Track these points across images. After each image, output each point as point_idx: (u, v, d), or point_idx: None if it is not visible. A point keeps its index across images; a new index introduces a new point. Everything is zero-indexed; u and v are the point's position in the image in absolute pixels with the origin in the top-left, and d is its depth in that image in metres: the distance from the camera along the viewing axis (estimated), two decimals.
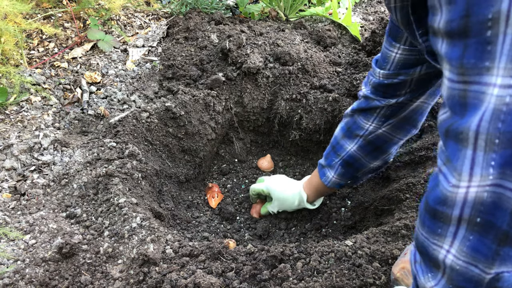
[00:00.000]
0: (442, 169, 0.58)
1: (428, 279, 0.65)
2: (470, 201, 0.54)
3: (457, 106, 0.54)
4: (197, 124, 1.76)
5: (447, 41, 0.54)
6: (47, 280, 1.11)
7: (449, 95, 0.55)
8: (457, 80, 0.53)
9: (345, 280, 1.06)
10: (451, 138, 0.55)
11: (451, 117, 0.55)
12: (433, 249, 0.62)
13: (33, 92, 1.70)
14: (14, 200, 1.35)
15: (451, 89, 0.55)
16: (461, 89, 0.52)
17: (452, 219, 0.57)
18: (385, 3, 0.84)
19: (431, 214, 0.60)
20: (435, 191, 0.59)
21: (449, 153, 0.56)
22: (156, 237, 1.22)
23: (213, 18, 2.13)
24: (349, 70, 1.90)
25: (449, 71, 0.55)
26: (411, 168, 1.50)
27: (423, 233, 0.63)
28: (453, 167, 0.54)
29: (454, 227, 0.57)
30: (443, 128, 0.57)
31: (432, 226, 0.61)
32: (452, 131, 0.55)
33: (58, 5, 2.08)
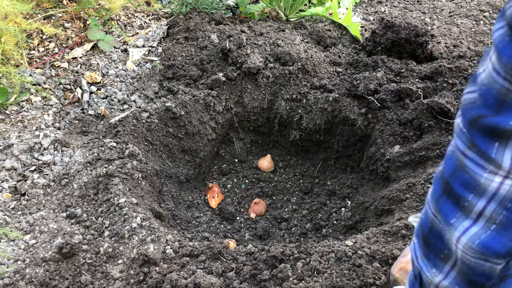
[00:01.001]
0: (468, 154, 0.55)
1: (434, 274, 0.64)
2: (501, 194, 0.53)
3: (491, 99, 0.51)
4: (197, 124, 1.76)
5: (507, 32, 0.49)
6: (47, 280, 1.11)
7: (487, 83, 0.52)
8: (504, 76, 0.50)
9: (345, 280, 1.06)
10: (480, 130, 0.53)
11: (480, 106, 0.53)
12: (448, 238, 0.60)
13: (33, 92, 1.70)
14: (14, 200, 1.35)
15: (493, 79, 0.51)
16: (504, 87, 0.49)
17: (473, 211, 0.55)
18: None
19: (454, 199, 0.58)
20: (462, 175, 0.56)
21: (476, 141, 0.53)
22: (156, 237, 1.22)
23: (214, 18, 2.13)
24: (349, 70, 1.90)
25: (497, 61, 0.51)
26: (411, 168, 1.50)
27: (440, 220, 0.61)
28: (487, 157, 0.53)
29: (470, 222, 0.56)
30: (469, 114, 0.54)
31: (448, 214, 0.59)
32: (484, 124, 0.52)
33: (58, 5, 2.08)
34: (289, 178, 1.91)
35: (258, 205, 1.72)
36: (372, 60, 1.83)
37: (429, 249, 0.65)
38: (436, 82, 1.70)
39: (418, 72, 1.76)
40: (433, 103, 1.54)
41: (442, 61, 1.81)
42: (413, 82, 1.71)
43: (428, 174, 1.40)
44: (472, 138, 0.54)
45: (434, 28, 2.11)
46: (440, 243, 0.62)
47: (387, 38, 1.85)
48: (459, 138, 0.57)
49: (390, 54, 1.87)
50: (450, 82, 1.67)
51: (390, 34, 1.85)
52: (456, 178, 0.57)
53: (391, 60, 1.81)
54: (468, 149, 0.55)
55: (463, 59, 1.82)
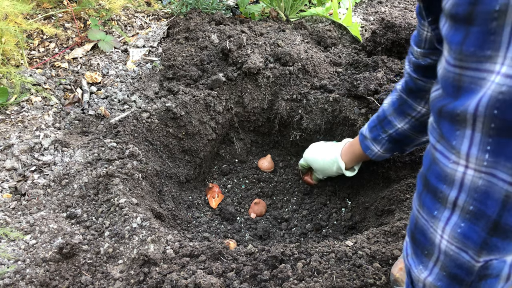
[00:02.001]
0: (437, 147, 0.58)
1: (420, 270, 0.65)
2: (466, 185, 0.54)
3: (449, 88, 0.55)
4: (197, 124, 1.76)
5: (450, 24, 0.54)
6: (47, 280, 1.11)
7: (443, 75, 0.56)
8: (453, 64, 0.54)
9: (346, 281, 1.06)
10: (445, 118, 0.56)
11: (444, 97, 0.56)
12: (430, 232, 0.62)
13: (33, 92, 1.70)
14: (14, 200, 1.35)
15: (446, 71, 0.56)
16: (456, 73, 0.53)
17: (448, 201, 0.58)
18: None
19: (432, 192, 0.60)
20: (435, 168, 0.59)
21: (443, 132, 0.57)
22: (156, 237, 1.22)
23: (214, 19, 2.13)
24: (350, 70, 1.90)
25: (447, 52, 0.55)
26: (412, 169, 1.50)
27: (423, 215, 0.63)
28: (451, 146, 0.55)
29: (448, 212, 0.58)
30: (436, 107, 0.58)
31: (430, 207, 0.61)
32: (446, 111, 0.55)
33: (58, 5, 2.08)
34: (289, 178, 1.91)
35: (258, 205, 1.72)
36: (372, 60, 1.83)
37: (416, 245, 0.67)
38: None
39: None
40: None
41: None
42: None
43: None
44: (441, 129, 0.57)
45: None
46: (424, 238, 0.64)
47: (388, 38, 1.85)
48: (431, 134, 0.61)
49: (391, 54, 1.87)
50: None
51: (391, 34, 1.85)
52: (431, 172, 0.60)
53: (392, 60, 1.81)
54: (437, 142, 0.58)
55: None
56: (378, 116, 1.28)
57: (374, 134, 1.30)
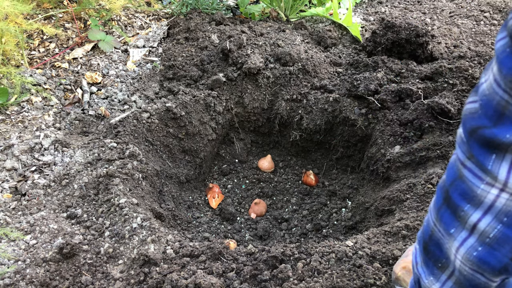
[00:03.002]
0: (467, 164, 0.55)
1: (432, 282, 0.64)
2: (497, 207, 0.52)
3: (491, 110, 0.51)
4: (197, 124, 1.76)
5: (508, 43, 0.48)
6: (47, 280, 1.11)
7: (487, 94, 0.52)
8: (504, 88, 0.49)
9: (346, 281, 1.06)
10: (479, 141, 0.53)
11: (480, 117, 0.52)
12: (446, 248, 0.60)
13: (33, 92, 1.70)
14: (15, 200, 1.35)
15: (494, 92, 0.51)
16: (504, 99, 0.49)
17: (468, 223, 0.55)
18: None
19: (452, 209, 0.58)
20: (460, 185, 0.56)
21: (474, 152, 0.54)
22: (156, 237, 1.22)
23: (214, 19, 2.13)
24: (350, 70, 1.90)
25: (498, 73, 0.50)
26: (412, 169, 1.50)
27: (440, 229, 0.61)
28: (484, 169, 0.53)
29: (466, 233, 0.56)
30: (469, 124, 0.54)
31: (448, 224, 0.59)
32: (481, 135, 0.52)
33: (59, 5, 2.08)
34: (289, 178, 1.91)
35: (258, 206, 1.72)
36: (373, 60, 1.83)
37: (428, 256, 0.65)
38: (436, 82, 1.70)
39: (419, 72, 1.76)
40: (433, 104, 1.54)
41: (442, 61, 1.81)
42: (413, 82, 1.71)
43: (428, 174, 1.40)
44: (471, 148, 0.54)
45: (434, 29, 2.11)
46: (439, 251, 0.62)
47: (388, 39, 1.85)
48: (459, 148, 0.57)
49: (391, 54, 1.87)
50: (450, 82, 1.67)
51: (391, 34, 1.85)
52: (455, 187, 0.57)
53: (392, 61, 1.81)
54: (467, 159, 0.55)
55: (463, 59, 1.82)
56: None
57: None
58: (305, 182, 1.85)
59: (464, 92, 1.63)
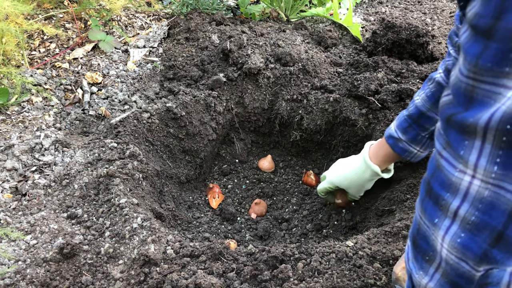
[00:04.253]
0: (443, 154, 0.58)
1: (421, 276, 0.65)
2: (471, 195, 0.54)
3: (461, 97, 0.54)
4: (198, 124, 1.76)
5: (471, 33, 0.52)
6: (48, 281, 1.11)
7: (454, 84, 0.56)
8: (467, 75, 0.53)
9: (346, 281, 1.06)
10: (453, 127, 0.56)
11: (454, 105, 0.56)
12: (432, 239, 0.62)
13: (34, 92, 1.70)
14: (15, 200, 1.35)
15: (458, 79, 0.55)
16: (469, 84, 0.53)
17: (450, 210, 0.57)
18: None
19: (434, 199, 0.60)
20: (439, 175, 0.59)
21: (451, 140, 0.56)
22: (157, 237, 1.22)
23: (214, 19, 2.13)
24: (350, 70, 1.90)
25: (462, 61, 0.54)
26: (412, 169, 1.50)
27: (425, 221, 0.63)
28: (458, 155, 0.55)
29: (449, 221, 0.58)
30: (445, 114, 0.58)
31: (432, 214, 0.61)
32: (455, 121, 0.55)
33: (59, 5, 2.09)
34: (290, 178, 1.91)
35: (258, 206, 1.72)
36: (373, 60, 1.83)
37: (417, 251, 0.66)
38: None
39: (419, 72, 1.76)
40: None
41: None
42: (414, 82, 1.71)
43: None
44: (447, 136, 0.57)
45: (435, 29, 2.11)
46: (426, 244, 0.64)
47: (388, 39, 1.85)
48: (437, 140, 0.60)
49: (391, 54, 1.87)
50: None
51: (391, 34, 1.85)
52: (435, 178, 0.60)
53: (392, 61, 1.81)
54: (443, 149, 0.58)
55: None
56: (411, 115, 1.20)
57: (411, 134, 1.21)
58: (305, 182, 1.85)
59: None
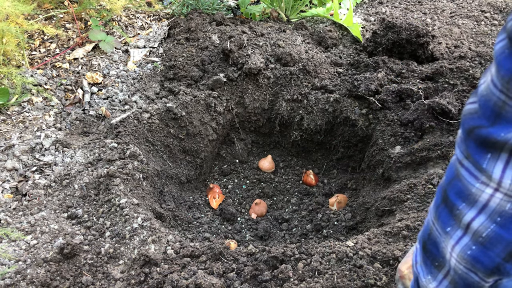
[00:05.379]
0: (464, 163, 0.57)
1: (429, 281, 0.65)
2: (491, 207, 0.53)
3: (489, 111, 0.53)
4: (198, 124, 1.76)
5: (507, 44, 0.50)
6: (48, 281, 1.11)
7: (485, 94, 0.54)
8: (500, 89, 0.51)
9: (346, 281, 1.06)
10: (475, 140, 0.54)
11: (479, 117, 0.54)
12: (442, 246, 0.62)
13: (34, 92, 1.70)
14: (15, 200, 1.35)
15: (491, 92, 0.52)
16: (501, 99, 0.51)
17: (463, 221, 0.57)
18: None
19: (449, 208, 0.59)
20: (457, 184, 0.58)
21: (472, 153, 0.55)
22: (157, 237, 1.22)
23: (214, 19, 2.13)
24: (350, 70, 1.90)
25: (495, 74, 0.52)
26: (412, 169, 1.50)
27: (438, 228, 0.62)
28: (480, 168, 0.54)
29: (461, 232, 0.57)
30: (468, 124, 0.56)
31: (445, 222, 0.60)
32: (479, 135, 0.53)
33: (59, 6, 2.09)
34: (290, 178, 1.91)
35: (259, 206, 1.72)
36: (373, 60, 1.83)
37: (427, 255, 0.66)
38: (437, 82, 1.70)
39: (419, 72, 1.76)
40: (434, 104, 1.54)
41: (443, 61, 1.81)
42: (414, 82, 1.71)
43: (429, 174, 1.40)
44: (468, 147, 0.55)
45: (435, 29, 2.11)
46: (436, 250, 0.64)
47: (388, 39, 1.85)
48: (458, 148, 0.58)
49: (391, 54, 1.87)
50: (451, 82, 1.67)
51: (391, 34, 1.85)
52: (452, 186, 0.59)
53: (392, 61, 1.81)
54: (465, 159, 0.56)
55: (464, 59, 1.82)
56: None
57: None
58: (305, 182, 1.85)
59: (464, 92, 1.63)
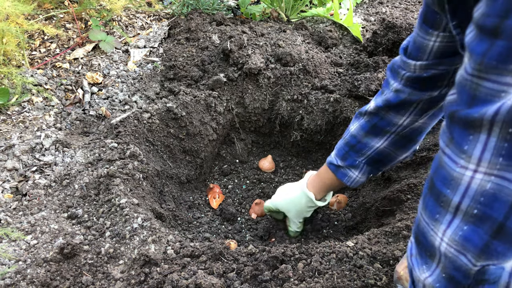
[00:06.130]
0: (446, 151, 0.60)
1: (423, 270, 0.66)
2: (472, 189, 0.56)
3: (464, 95, 0.56)
4: (198, 124, 1.76)
5: (477, 33, 0.54)
6: (48, 281, 1.11)
7: (459, 82, 0.58)
8: (471, 73, 0.54)
9: (346, 281, 1.06)
10: (457, 123, 0.57)
11: (457, 103, 0.58)
12: (431, 235, 0.63)
13: (34, 92, 1.70)
14: (15, 200, 1.35)
15: (463, 78, 0.56)
16: (474, 82, 0.54)
17: (451, 205, 0.59)
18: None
19: (435, 196, 0.62)
20: (441, 172, 0.61)
21: (454, 136, 0.58)
22: (157, 237, 1.22)
23: (215, 19, 2.13)
24: (351, 70, 1.90)
25: (467, 60, 0.56)
26: (413, 169, 1.50)
27: (424, 218, 0.65)
28: (461, 150, 0.57)
29: (450, 215, 0.59)
30: (448, 110, 0.59)
31: (432, 210, 0.63)
32: (458, 117, 0.57)
33: (59, 6, 2.09)
34: (290, 178, 1.91)
35: (259, 206, 1.72)
36: (373, 60, 1.83)
37: (419, 247, 0.68)
38: None
39: None
40: None
41: None
42: None
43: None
44: (451, 133, 0.59)
45: None
46: (425, 240, 0.65)
47: (388, 39, 1.85)
48: (441, 138, 0.62)
49: (391, 54, 1.87)
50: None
51: (391, 34, 1.85)
52: (437, 175, 0.62)
53: None
54: (446, 147, 0.60)
55: None
56: (349, 143, 1.23)
57: (349, 161, 1.24)
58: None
59: None
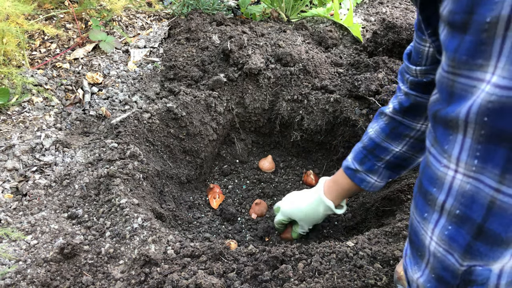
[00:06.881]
0: (431, 150, 0.60)
1: (415, 271, 0.67)
2: (454, 189, 0.56)
3: (443, 93, 0.57)
4: (198, 125, 1.76)
5: (448, 30, 0.55)
6: (48, 281, 1.11)
7: (438, 80, 0.59)
8: (447, 70, 0.55)
9: (347, 281, 1.06)
10: (439, 122, 0.58)
11: (439, 102, 0.58)
12: (421, 234, 0.64)
13: (35, 93, 1.70)
14: (16, 200, 1.35)
15: (441, 76, 0.57)
16: (450, 79, 0.55)
17: (437, 204, 0.59)
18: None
19: (423, 195, 0.63)
20: (427, 171, 0.62)
21: (437, 136, 0.59)
22: (157, 237, 1.22)
23: (215, 19, 2.13)
24: (351, 71, 1.90)
25: (444, 58, 0.57)
26: (412, 169, 1.50)
27: (416, 217, 0.65)
28: (443, 149, 0.57)
29: (437, 214, 0.60)
30: (431, 110, 0.60)
31: (422, 209, 0.63)
32: (440, 116, 0.57)
33: (60, 6, 2.09)
34: (290, 178, 1.91)
35: (259, 206, 1.72)
36: (373, 61, 1.83)
37: (411, 246, 0.68)
38: None
39: None
40: None
41: None
42: None
43: None
44: (435, 132, 0.59)
45: None
46: (417, 240, 0.66)
47: (388, 39, 1.85)
48: (427, 138, 0.63)
49: (391, 55, 1.87)
50: None
51: (391, 35, 1.85)
52: (424, 174, 0.63)
53: (392, 61, 1.81)
54: (431, 146, 0.61)
55: None
56: (366, 146, 1.21)
57: (367, 165, 1.22)
58: (305, 182, 1.85)
59: None
